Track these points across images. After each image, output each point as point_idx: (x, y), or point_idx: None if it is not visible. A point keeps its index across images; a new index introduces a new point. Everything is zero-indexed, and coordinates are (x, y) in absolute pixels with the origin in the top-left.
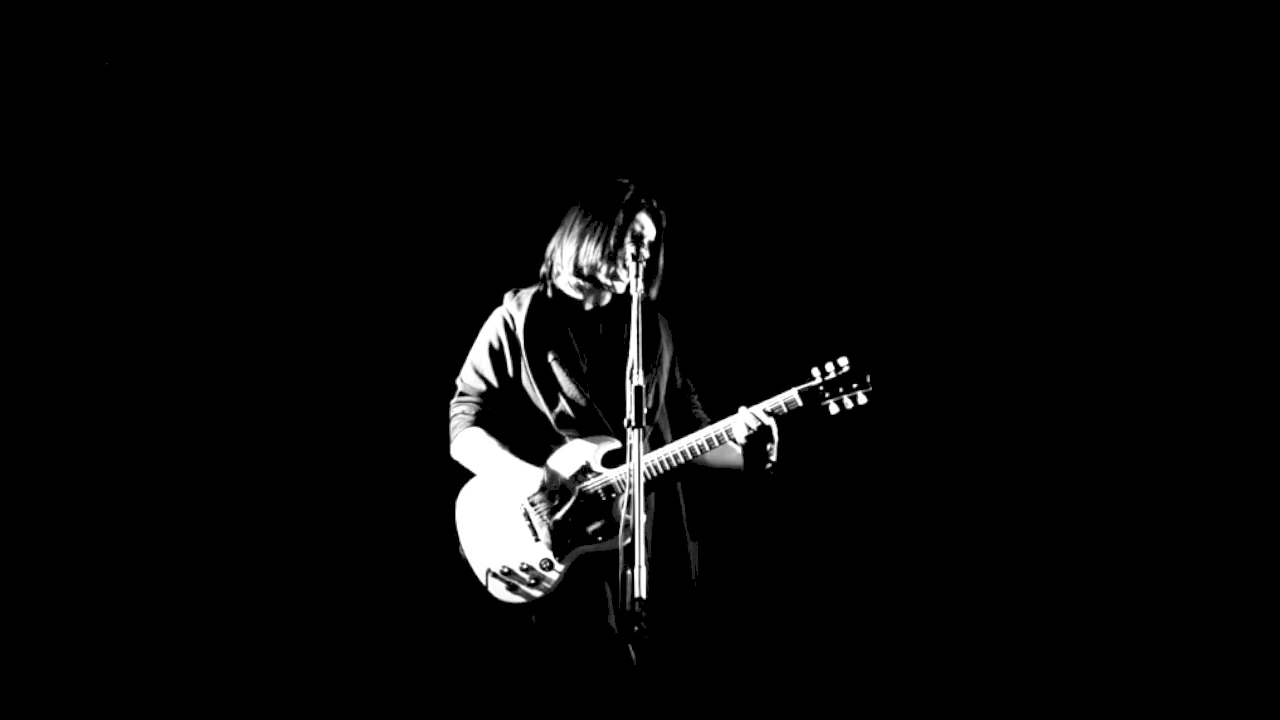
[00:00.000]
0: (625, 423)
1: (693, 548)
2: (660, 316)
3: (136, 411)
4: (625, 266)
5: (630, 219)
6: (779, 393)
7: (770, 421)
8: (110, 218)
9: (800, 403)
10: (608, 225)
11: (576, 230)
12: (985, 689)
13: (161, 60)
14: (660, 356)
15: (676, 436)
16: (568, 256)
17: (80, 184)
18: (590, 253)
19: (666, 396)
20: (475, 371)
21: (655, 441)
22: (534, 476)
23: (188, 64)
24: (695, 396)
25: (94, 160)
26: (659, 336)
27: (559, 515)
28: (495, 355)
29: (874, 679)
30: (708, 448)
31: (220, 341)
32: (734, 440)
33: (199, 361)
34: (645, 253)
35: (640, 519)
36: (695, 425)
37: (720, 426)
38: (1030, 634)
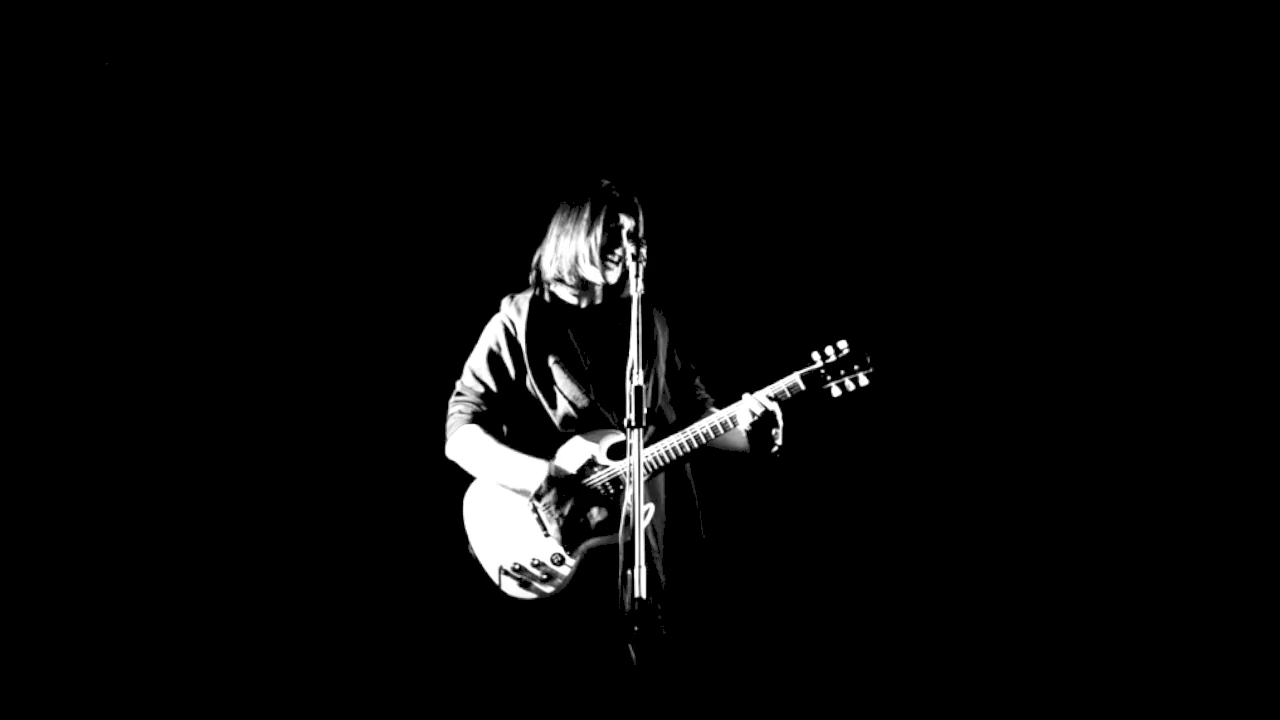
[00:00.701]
0: (625, 423)
1: (700, 519)
2: (654, 308)
3: (145, 423)
4: (610, 262)
5: (598, 214)
6: (780, 377)
7: (774, 407)
8: (104, 220)
9: (803, 386)
10: (580, 223)
11: (555, 233)
12: (988, 681)
13: (160, 61)
14: (655, 343)
15: (681, 416)
16: (549, 259)
17: (78, 184)
18: (568, 254)
19: (668, 379)
20: (474, 375)
21: (659, 424)
22: (539, 469)
23: (181, 68)
24: (697, 378)
25: (91, 160)
26: (653, 327)
27: (565, 511)
28: (495, 359)
29: (880, 670)
30: (713, 435)
31: (226, 348)
32: (739, 427)
33: (206, 368)
34: (643, 251)
35: (640, 517)
36: (699, 405)
37: (725, 414)
38: (1030, 617)
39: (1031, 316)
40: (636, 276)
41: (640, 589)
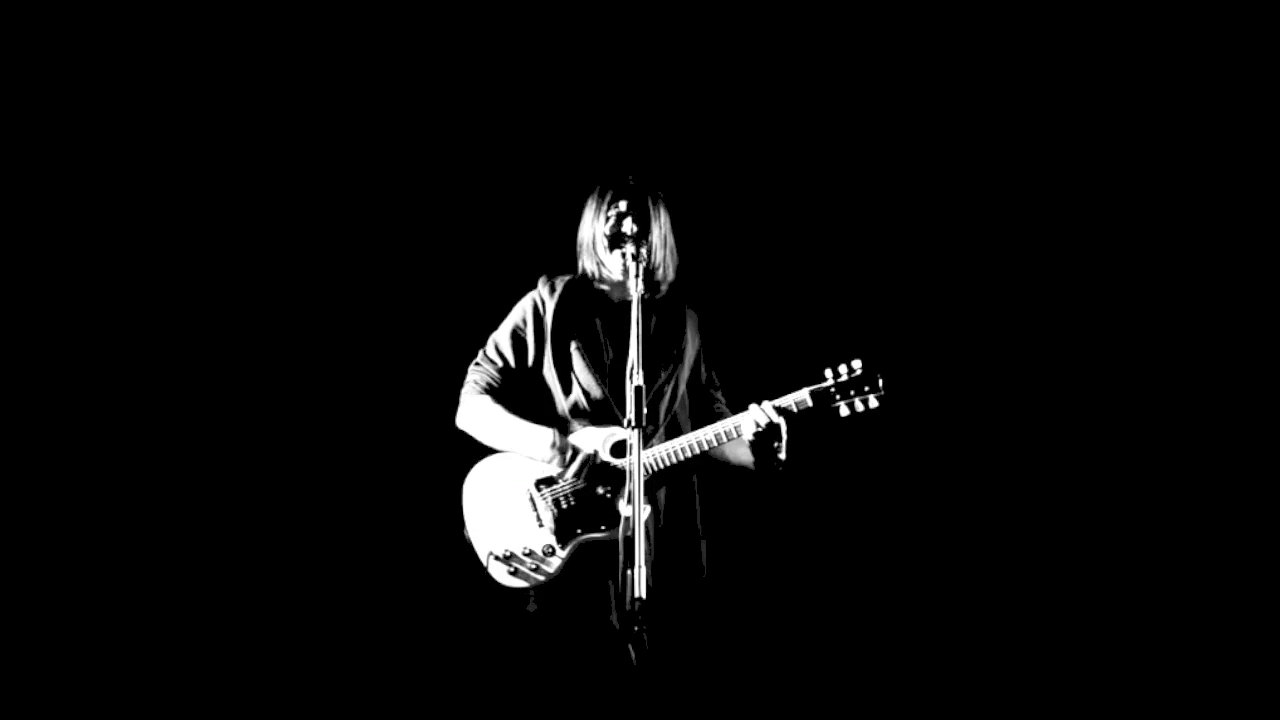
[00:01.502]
0: (625, 422)
1: (702, 545)
2: (688, 309)
3: (156, 384)
4: (623, 258)
5: (604, 198)
6: (791, 391)
7: (779, 419)
8: (152, 213)
9: (810, 403)
10: (591, 209)
11: (581, 221)
12: (992, 693)
13: (190, 61)
14: (683, 351)
15: (695, 427)
16: (579, 246)
17: (105, 185)
18: (587, 239)
19: (689, 387)
20: (496, 347)
21: (672, 430)
22: (545, 436)
23: (227, 64)
24: (720, 392)
25: (118, 161)
26: (682, 330)
27: (571, 473)
28: (518, 336)
29: (884, 684)
30: (715, 443)
31: (238, 329)
32: (742, 436)
33: (215, 347)
34: (643, 251)
35: (640, 514)
36: (714, 419)
37: (730, 423)
38: (1037, 636)
39: (1051, 355)
40: (636, 276)
41: (640, 589)
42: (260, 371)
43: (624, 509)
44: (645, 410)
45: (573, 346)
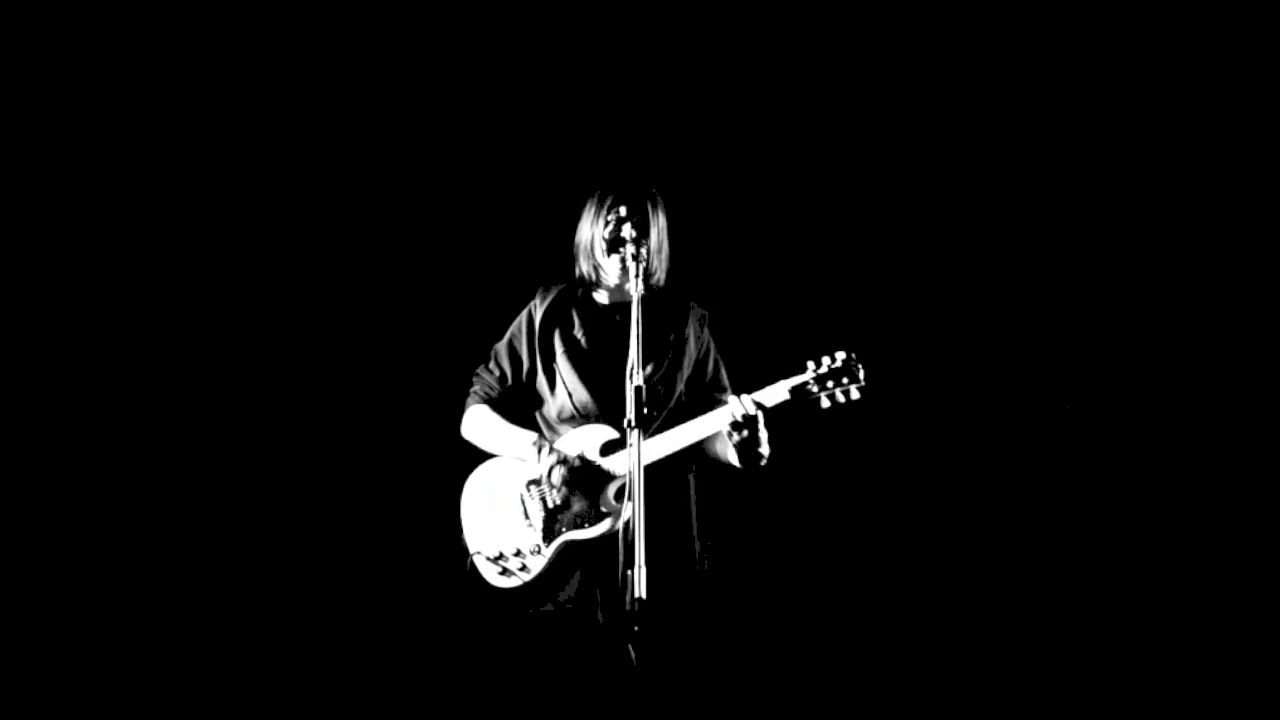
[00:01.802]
0: (625, 423)
1: (696, 546)
2: (694, 308)
3: (168, 390)
4: (622, 261)
5: (604, 201)
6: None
7: (755, 412)
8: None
9: (788, 395)
10: (590, 212)
11: (578, 228)
12: (989, 696)
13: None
14: (680, 351)
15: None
16: (576, 251)
17: (118, 195)
18: (585, 241)
19: (692, 388)
20: (495, 359)
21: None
22: (527, 436)
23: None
24: (726, 394)
25: (128, 171)
26: (678, 330)
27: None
28: (513, 349)
29: (882, 685)
30: (697, 438)
31: (246, 337)
32: (722, 430)
33: (223, 355)
34: (643, 251)
35: (640, 513)
36: None
37: (710, 417)
38: (1033, 635)
39: (1042, 347)
40: (636, 276)
41: (640, 589)
42: (269, 380)
43: (607, 508)
44: (644, 410)
45: (557, 351)
